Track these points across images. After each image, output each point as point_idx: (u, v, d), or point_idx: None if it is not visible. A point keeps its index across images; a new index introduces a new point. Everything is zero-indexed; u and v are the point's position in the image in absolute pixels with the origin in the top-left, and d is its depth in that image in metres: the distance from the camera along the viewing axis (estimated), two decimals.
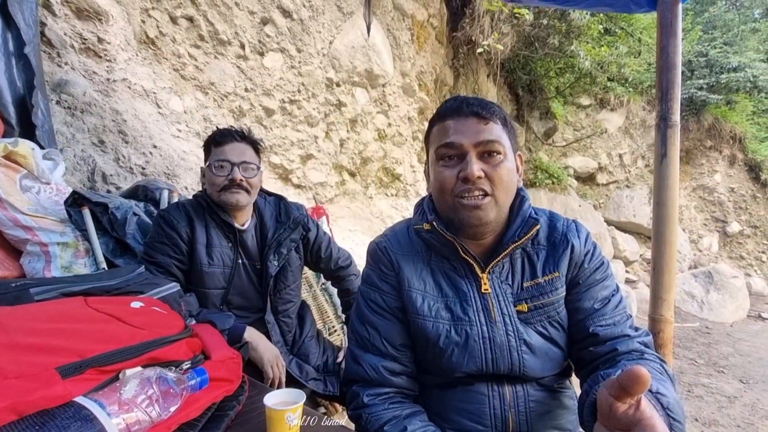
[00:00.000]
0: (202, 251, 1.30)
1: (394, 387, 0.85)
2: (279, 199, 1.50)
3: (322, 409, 1.68)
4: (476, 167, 0.76)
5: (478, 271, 0.84)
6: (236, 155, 1.30)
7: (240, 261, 1.35)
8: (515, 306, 0.83)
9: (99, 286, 0.93)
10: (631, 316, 0.85)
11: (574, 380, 0.92)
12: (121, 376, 0.62)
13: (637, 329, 0.83)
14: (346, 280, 1.60)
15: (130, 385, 0.58)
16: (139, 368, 0.64)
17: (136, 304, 0.82)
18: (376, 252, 0.92)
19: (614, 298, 0.85)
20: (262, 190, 1.48)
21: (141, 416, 0.56)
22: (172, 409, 0.61)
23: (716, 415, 3.38)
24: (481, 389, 0.82)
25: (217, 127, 1.43)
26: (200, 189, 1.40)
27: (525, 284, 0.84)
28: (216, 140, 1.32)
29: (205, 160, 1.35)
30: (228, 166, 1.28)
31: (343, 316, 2.10)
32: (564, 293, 0.85)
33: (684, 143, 9.79)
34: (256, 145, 1.38)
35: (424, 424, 0.79)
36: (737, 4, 14.02)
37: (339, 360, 1.48)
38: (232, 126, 1.39)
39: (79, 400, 0.53)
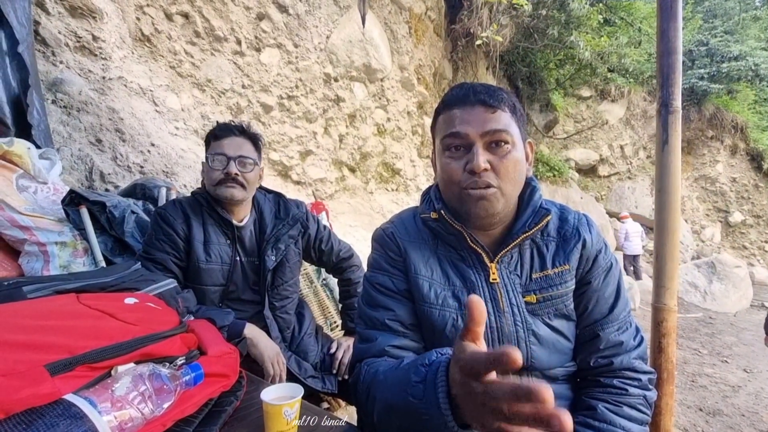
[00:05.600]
0: (200, 248, 1.29)
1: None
2: (278, 196, 1.50)
3: (325, 405, 1.67)
4: (482, 159, 0.73)
5: (487, 261, 0.82)
6: (233, 149, 1.29)
7: (238, 258, 1.34)
8: (523, 297, 0.81)
9: (94, 283, 0.92)
10: (632, 324, 0.85)
11: None
12: (113, 372, 0.61)
13: (637, 337, 0.84)
14: (347, 271, 1.60)
15: (123, 382, 0.56)
16: (131, 364, 0.63)
17: (129, 301, 0.80)
18: (383, 237, 0.90)
19: (620, 302, 0.85)
20: (261, 188, 1.47)
21: (134, 413, 0.55)
22: (166, 405, 0.60)
23: (720, 405, 3.37)
24: None
25: (217, 122, 1.42)
26: (199, 186, 1.39)
27: (534, 275, 0.82)
28: (215, 134, 1.32)
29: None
30: (224, 160, 1.28)
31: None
32: (573, 287, 0.83)
33: (685, 133, 9.70)
34: (255, 140, 1.37)
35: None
36: None
37: (332, 351, 1.47)
38: (232, 120, 1.38)
39: (69, 397, 0.51)
